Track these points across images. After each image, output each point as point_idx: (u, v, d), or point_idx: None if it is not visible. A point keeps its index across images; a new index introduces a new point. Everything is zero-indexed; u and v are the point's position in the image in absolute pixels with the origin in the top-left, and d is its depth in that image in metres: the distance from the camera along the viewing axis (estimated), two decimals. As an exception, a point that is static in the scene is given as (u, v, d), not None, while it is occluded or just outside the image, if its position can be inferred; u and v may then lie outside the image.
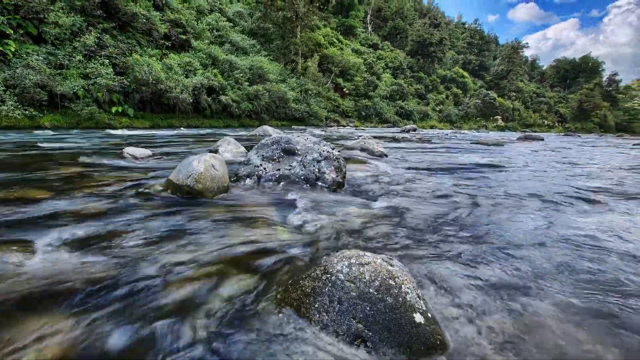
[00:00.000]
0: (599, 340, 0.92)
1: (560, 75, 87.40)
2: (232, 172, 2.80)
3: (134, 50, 16.71)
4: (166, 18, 19.82)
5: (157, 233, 1.56)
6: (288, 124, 23.95)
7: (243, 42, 25.77)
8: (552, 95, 76.79)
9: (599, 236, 1.82)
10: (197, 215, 1.84)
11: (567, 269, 1.39)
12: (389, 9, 65.38)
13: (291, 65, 31.36)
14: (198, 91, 17.50)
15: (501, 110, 58.31)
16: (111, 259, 1.26)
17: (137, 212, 1.86)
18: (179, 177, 2.20)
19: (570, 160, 5.90)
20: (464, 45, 77.49)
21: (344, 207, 2.20)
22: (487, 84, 67.60)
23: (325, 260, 1.05)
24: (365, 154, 5.28)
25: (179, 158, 4.18)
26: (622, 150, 9.40)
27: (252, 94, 20.31)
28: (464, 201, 2.50)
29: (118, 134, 9.73)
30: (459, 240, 1.68)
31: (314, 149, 2.99)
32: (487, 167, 4.64)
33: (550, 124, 65.72)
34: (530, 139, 12.92)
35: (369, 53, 49.82)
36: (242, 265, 1.26)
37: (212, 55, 20.29)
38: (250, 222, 1.81)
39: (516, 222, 2.04)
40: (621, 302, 1.12)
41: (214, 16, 25.13)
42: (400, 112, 41.62)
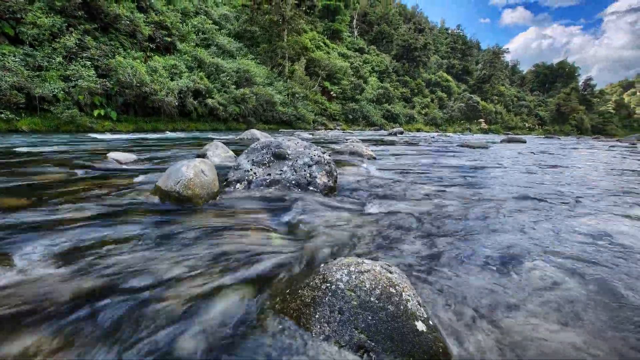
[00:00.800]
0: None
1: (540, 79, 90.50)
2: (221, 177, 2.74)
3: (117, 52, 16.34)
4: (150, 20, 19.48)
5: (146, 242, 1.50)
6: (276, 127, 23.85)
7: (229, 45, 25.58)
8: (532, 99, 79.28)
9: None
10: (187, 223, 1.79)
11: (564, 272, 1.41)
12: (375, 13, 66.32)
13: (278, 69, 31.29)
14: (184, 94, 17.23)
15: (484, 113, 59.78)
16: (97, 272, 1.21)
17: (124, 220, 1.79)
18: (167, 183, 2.14)
19: (555, 163, 6.07)
20: (447, 50, 79.24)
21: (337, 212, 2.19)
22: (470, 87, 69.19)
23: (323, 269, 1.03)
24: (354, 157, 5.29)
25: (166, 163, 4.09)
26: (601, 151, 9.76)
27: (239, 97, 20.14)
28: (456, 204, 2.52)
29: (101, 137, 9.46)
30: (453, 244, 1.69)
31: (305, 153, 2.97)
32: (475, 169, 4.72)
33: (531, 126, 67.77)
34: (514, 141, 13.26)
35: (356, 57, 50.30)
36: (237, 275, 1.23)
37: (198, 58, 20.04)
38: (242, 229, 1.77)
39: (510, 225, 2.06)
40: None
41: (200, 19, 24.87)
42: (386, 115, 42.08)
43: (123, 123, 15.20)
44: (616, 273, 1.41)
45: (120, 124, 14.96)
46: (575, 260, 1.54)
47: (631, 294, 1.22)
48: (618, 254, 1.63)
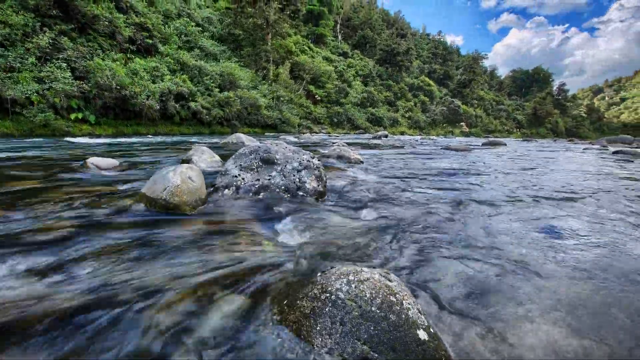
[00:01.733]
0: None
1: (517, 84, 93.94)
2: (208, 182, 2.68)
3: (96, 53, 15.86)
4: (131, 21, 19.03)
5: (132, 253, 1.44)
6: (260, 131, 23.68)
7: (213, 47, 25.29)
8: (510, 103, 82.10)
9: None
10: (175, 232, 1.73)
11: (558, 274, 1.44)
12: (358, 19, 67.23)
13: (262, 72, 31.16)
14: (166, 97, 16.87)
15: (465, 117, 61.41)
16: (79, 287, 1.14)
17: (107, 230, 1.71)
18: (153, 190, 2.07)
19: (536, 164, 6.27)
20: (429, 55, 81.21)
21: (328, 218, 2.17)
22: (451, 92, 70.98)
23: (321, 278, 1.01)
24: (342, 161, 5.30)
25: (150, 168, 3.97)
26: (577, 153, 10.17)
27: (223, 100, 19.89)
28: (446, 208, 2.55)
29: (78, 142, 9.11)
30: (447, 248, 1.70)
31: (294, 158, 2.94)
32: (461, 172, 4.80)
33: (510, 129, 70.07)
34: (494, 144, 13.65)
35: (340, 61, 50.78)
36: (230, 286, 1.19)
37: (181, 60, 19.69)
38: (233, 237, 1.72)
39: (501, 227, 2.10)
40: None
41: (182, 21, 24.49)
42: (371, 118, 42.55)
43: (102, 127, 14.73)
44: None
45: (99, 128, 14.48)
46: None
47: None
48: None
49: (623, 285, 1.34)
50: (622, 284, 1.36)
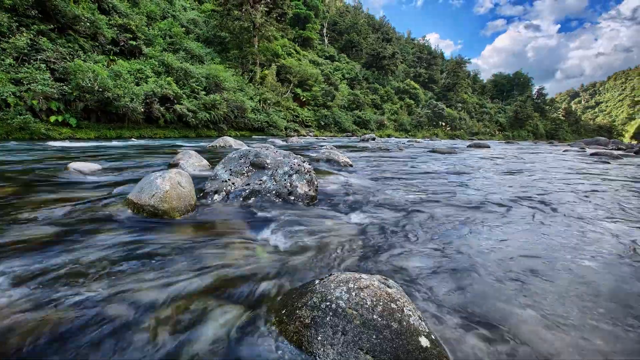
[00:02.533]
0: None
1: (498, 88, 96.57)
2: (197, 187, 2.63)
3: (77, 55, 15.42)
4: (114, 22, 18.61)
5: (119, 263, 1.39)
6: (248, 134, 23.49)
7: (198, 50, 24.97)
8: (492, 106, 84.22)
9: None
10: (164, 239, 1.68)
11: (548, 280, 1.46)
12: (344, 23, 67.85)
13: (249, 75, 30.97)
14: (150, 100, 16.53)
15: (450, 119, 62.60)
16: (66, 300, 1.09)
17: (93, 238, 1.65)
18: (141, 197, 2.01)
19: (523, 167, 6.43)
20: (414, 59, 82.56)
21: (320, 223, 2.16)
22: (436, 95, 72.32)
23: (320, 286, 0.99)
24: (331, 164, 5.30)
25: (135, 173, 3.86)
26: (556, 155, 10.50)
27: (210, 103, 19.63)
28: (438, 211, 2.57)
29: (59, 145, 8.80)
30: (441, 252, 1.71)
31: (285, 162, 2.92)
32: (449, 175, 4.87)
33: (492, 132, 71.85)
34: (479, 146, 13.95)
35: (326, 64, 51.04)
36: (225, 295, 1.16)
37: (166, 62, 19.34)
38: (225, 243, 1.69)
39: (489, 229, 2.13)
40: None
41: (167, 23, 24.11)
42: (358, 121, 42.82)
43: (84, 130, 14.29)
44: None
45: (80, 131, 14.05)
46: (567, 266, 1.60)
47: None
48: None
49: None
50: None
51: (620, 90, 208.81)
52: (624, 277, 1.48)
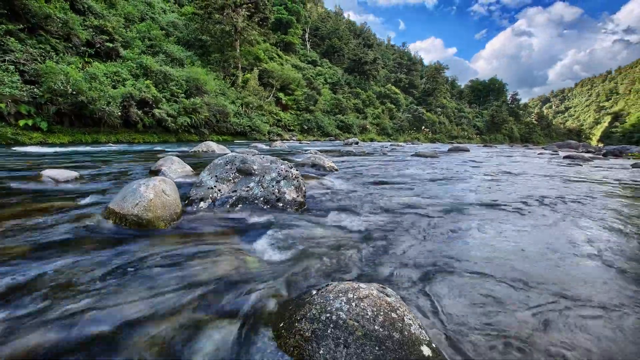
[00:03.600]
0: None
1: (475, 94, 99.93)
2: (182, 195, 2.55)
3: (48, 56, 14.77)
4: (89, 24, 17.98)
5: (104, 277, 1.31)
6: (230, 138, 23.17)
7: (179, 53, 24.48)
8: (470, 111, 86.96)
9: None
10: (150, 250, 1.61)
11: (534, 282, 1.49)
12: (326, 28, 68.50)
13: (231, 79, 30.65)
14: (128, 103, 16.02)
15: (430, 123, 64.12)
16: (46, 319, 1.01)
17: (73, 252, 1.56)
18: (123, 206, 1.92)
19: (504, 170, 6.63)
20: (394, 65, 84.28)
21: (310, 229, 2.13)
22: (416, 100, 73.97)
23: (319, 297, 0.97)
24: (317, 170, 5.28)
25: (115, 180, 3.71)
26: (533, 158, 10.92)
27: (190, 107, 19.24)
28: (426, 215, 2.60)
29: (29, 151, 8.36)
30: (433, 258, 1.72)
31: (272, 168, 2.88)
32: (434, 178, 4.95)
33: (470, 136, 74.12)
34: (459, 150, 14.33)
35: (309, 69, 51.29)
36: (218, 309, 1.11)
37: (144, 65, 18.83)
38: (214, 253, 1.63)
39: (477, 232, 2.17)
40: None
41: (146, 25, 23.53)
42: (340, 125, 43.14)
43: (56, 135, 13.67)
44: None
45: (52, 136, 13.42)
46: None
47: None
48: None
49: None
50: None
51: (587, 96, 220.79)
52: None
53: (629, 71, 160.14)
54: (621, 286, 1.44)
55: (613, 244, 2.04)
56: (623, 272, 1.60)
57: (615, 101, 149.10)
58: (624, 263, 1.72)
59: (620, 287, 1.44)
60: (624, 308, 1.24)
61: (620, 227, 2.43)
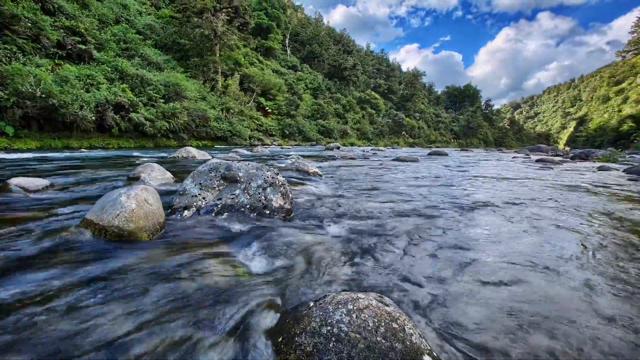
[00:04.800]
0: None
1: (451, 99, 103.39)
2: (164, 203, 2.46)
3: (15, 57, 14.03)
4: (59, 24, 17.25)
5: (82, 296, 1.23)
6: (210, 143, 22.75)
7: (156, 56, 23.89)
8: (447, 116, 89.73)
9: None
10: (133, 264, 1.53)
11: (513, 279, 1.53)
12: (306, 34, 69.00)
13: (211, 83, 30.20)
14: (102, 107, 15.44)
15: (409, 128, 65.61)
16: (15, 346, 0.94)
17: (48, 267, 1.46)
18: (103, 217, 1.83)
19: (483, 174, 6.84)
20: (373, 70, 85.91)
21: (299, 237, 2.10)
22: (395, 105, 75.59)
23: (317, 309, 0.95)
24: (301, 175, 5.26)
25: (90, 188, 3.54)
26: (509, 162, 11.35)
27: (169, 111, 18.77)
28: (412, 219, 2.62)
29: (-7, 158, 7.86)
30: (424, 263, 1.73)
31: (258, 175, 2.84)
32: (416, 183, 5.03)
33: (448, 140, 76.39)
34: (438, 154, 14.71)
35: (289, 74, 51.40)
36: (211, 325, 1.06)
37: (120, 68, 18.23)
38: (202, 265, 1.58)
39: (471, 238, 2.21)
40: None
41: (121, 27, 22.83)
42: (322, 130, 43.38)
43: (23, 140, 12.95)
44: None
45: (19, 141, 12.70)
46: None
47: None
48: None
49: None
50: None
51: (553, 102, 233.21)
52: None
53: (590, 79, 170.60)
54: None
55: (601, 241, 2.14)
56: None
57: (579, 107, 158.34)
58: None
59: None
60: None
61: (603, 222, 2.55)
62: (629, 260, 1.85)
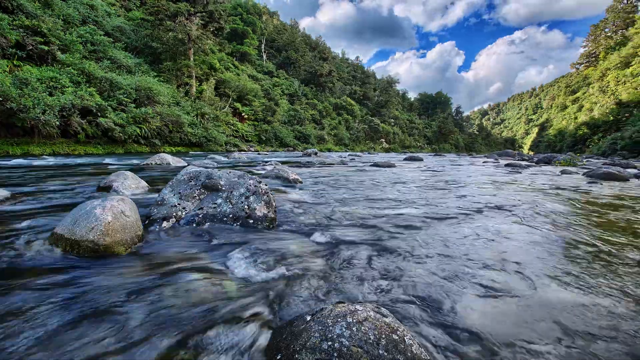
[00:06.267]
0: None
1: (424, 106, 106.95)
2: (141, 214, 2.34)
3: (-33, 58, 13.04)
4: (19, 23, 16.23)
5: (56, 322, 1.13)
6: (185, 149, 22.09)
7: (127, 59, 23.00)
8: (420, 122, 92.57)
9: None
10: (111, 281, 1.43)
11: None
12: (282, 40, 69.16)
13: (185, 88, 29.46)
14: (68, 112, 14.61)
15: (384, 134, 67.05)
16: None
17: (13, 289, 1.34)
18: (75, 230, 1.71)
19: (458, 178, 7.06)
20: (349, 77, 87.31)
21: (286, 247, 2.06)
22: (370, 111, 77.09)
23: (315, 323, 0.92)
24: (281, 182, 5.21)
25: (56, 199, 3.32)
26: (480, 166, 11.83)
27: (140, 117, 18.07)
28: (396, 225, 2.64)
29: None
30: (412, 269, 1.74)
31: (240, 183, 2.77)
32: (396, 188, 5.12)
33: (422, 145, 78.76)
34: (414, 159, 15.10)
35: (266, 79, 51.20)
36: (202, 345, 1.01)
37: (87, 71, 17.38)
38: (186, 279, 1.50)
39: (456, 242, 2.25)
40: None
41: (88, 28, 21.81)
42: (298, 136, 43.41)
43: (-24, 147, 12.00)
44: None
45: (-29, 148, 11.76)
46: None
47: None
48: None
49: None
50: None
51: (517, 109, 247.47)
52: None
53: (549, 88, 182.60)
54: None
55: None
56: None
57: (540, 114, 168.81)
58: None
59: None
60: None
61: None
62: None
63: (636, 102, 47.45)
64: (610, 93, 60.62)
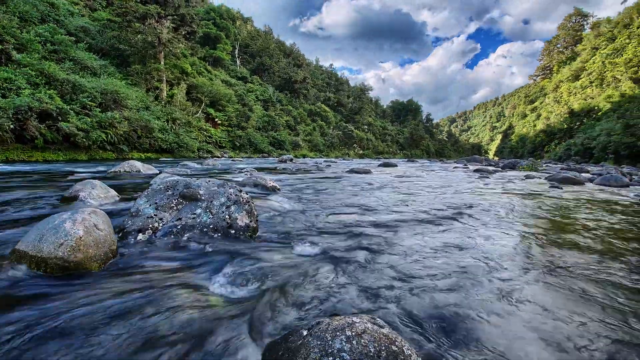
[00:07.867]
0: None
1: (396, 113, 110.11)
2: (114, 225, 2.20)
3: None
4: (-32, 20, 15.01)
5: (23, 350, 1.03)
6: (155, 156, 21.23)
7: (91, 61, 21.85)
8: (393, 129, 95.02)
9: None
10: (85, 302, 1.32)
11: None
12: (256, 46, 68.80)
13: (155, 92, 28.44)
14: (24, 115, 13.61)
15: (358, 140, 68.15)
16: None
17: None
18: (42, 247, 1.57)
19: (433, 184, 7.27)
20: (323, 84, 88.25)
21: (270, 258, 2.02)
22: (344, 117, 78.19)
23: (313, 338, 0.90)
24: (259, 190, 5.12)
25: (13, 212, 3.06)
26: (451, 172, 12.28)
27: (106, 121, 17.19)
28: (377, 231, 2.67)
29: None
30: (393, 275, 1.76)
31: (220, 192, 2.69)
32: (375, 194, 5.18)
33: (395, 151, 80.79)
34: (388, 165, 15.44)
35: (239, 85, 50.57)
36: (191, 367, 0.95)
37: (46, 72, 16.33)
38: (167, 295, 1.42)
39: (441, 248, 2.30)
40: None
41: (48, 27, 20.54)
42: (273, 142, 43.11)
43: None
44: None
45: None
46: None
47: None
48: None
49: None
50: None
51: (483, 117, 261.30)
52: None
53: (511, 98, 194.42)
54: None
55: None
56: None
57: (503, 122, 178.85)
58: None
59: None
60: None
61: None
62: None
63: (586, 112, 51.74)
64: (563, 103, 65.63)
